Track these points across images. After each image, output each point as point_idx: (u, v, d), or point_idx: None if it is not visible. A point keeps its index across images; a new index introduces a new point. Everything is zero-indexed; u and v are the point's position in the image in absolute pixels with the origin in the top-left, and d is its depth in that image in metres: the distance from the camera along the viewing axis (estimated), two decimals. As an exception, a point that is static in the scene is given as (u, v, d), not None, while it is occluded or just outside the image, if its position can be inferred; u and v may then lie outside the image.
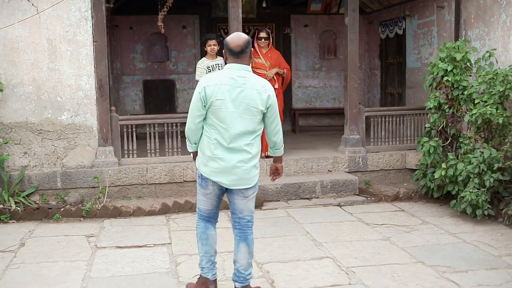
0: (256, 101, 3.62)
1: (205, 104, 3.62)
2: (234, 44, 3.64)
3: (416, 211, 6.40)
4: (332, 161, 7.38)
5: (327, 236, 5.42)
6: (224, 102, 3.59)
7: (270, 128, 3.80)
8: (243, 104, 3.60)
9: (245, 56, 3.67)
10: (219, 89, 3.59)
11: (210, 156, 3.67)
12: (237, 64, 3.66)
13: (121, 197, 6.80)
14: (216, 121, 3.63)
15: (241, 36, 3.69)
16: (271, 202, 6.73)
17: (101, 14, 6.61)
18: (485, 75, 6.16)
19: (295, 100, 10.82)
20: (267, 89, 3.69)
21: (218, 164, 3.65)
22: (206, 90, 3.61)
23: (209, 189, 3.77)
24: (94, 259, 4.83)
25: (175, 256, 4.89)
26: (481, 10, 7.04)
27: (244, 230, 3.87)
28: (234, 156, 3.64)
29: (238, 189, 3.74)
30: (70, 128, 6.67)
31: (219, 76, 3.65)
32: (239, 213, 3.84)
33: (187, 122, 3.75)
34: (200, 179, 3.80)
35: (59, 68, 6.58)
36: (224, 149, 3.64)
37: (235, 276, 3.89)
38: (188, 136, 3.80)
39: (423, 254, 4.86)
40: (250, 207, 3.85)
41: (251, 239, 3.88)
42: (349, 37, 7.43)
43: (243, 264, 3.84)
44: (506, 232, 5.49)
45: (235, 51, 3.64)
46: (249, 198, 3.81)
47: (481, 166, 5.80)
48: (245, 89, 3.61)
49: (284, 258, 4.81)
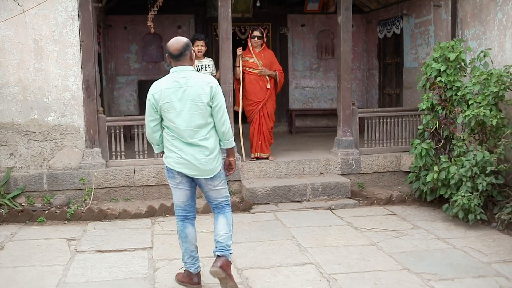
0: (200, 96, 3.86)
1: (156, 110, 3.90)
2: (173, 48, 3.90)
3: (408, 215, 6.24)
4: (324, 163, 7.23)
5: (313, 241, 5.28)
6: (171, 104, 3.85)
7: (217, 118, 3.96)
8: (189, 101, 3.84)
9: (185, 59, 3.92)
10: (165, 93, 3.86)
11: (171, 149, 3.94)
12: (179, 66, 3.92)
13: (108, 199, 6.70)
14: (169, 122, 3.91)
15: (180, 40, 3.95)
16: (261, 205, 6.59)
17: (88, 14, 6.52)
18: (479, 75, 5.99)
19: (292, 101, 10.67)
20: (209, 81, 3.92)
21: (179, 156, 3.91)
22: (154, 97, 3.89)
23: (177, 178, 3.99)
24: (72, 264, 4.73)
25: (155, 261, 4.78)
26: (478, 8, 6.87)
27: (223, 208, 4.16)
28: (194, 149, 3.89)
29: (204, 180, 4.00)
30: (57, 129, 6.58)
31: (164, 82, 3.92)
32: (214, 200, 4.13)
33: (146, 127, 4.08)
34: (167, 171, 4.05)
35: (46, 69, 6.49)
36: (184, 143, 3.91)
37: (215, 248, 4.05)
38: (149, 139, 4.11)
39: (410, 260, 4.71)
40: (223, 193, 4.12)
41: (229, 213, 4.16)
42: (342, 36, 7.29)
43: (222, 235, 4.03)
44: (499, 238, 5.32)
45: (174, 55, 3.90)
46: (218, 187, 4.07)
47: (474, 169, 5.63)
48: (187, 87, 3.85)
49: (266, 264, 4.67)
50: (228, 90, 6.95)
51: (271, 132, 7.33)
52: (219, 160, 4.03)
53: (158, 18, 9.87)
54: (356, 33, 10.70)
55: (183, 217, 4.12)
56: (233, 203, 6.48)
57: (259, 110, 7.17)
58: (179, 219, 4.12)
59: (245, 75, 7.18)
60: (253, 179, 6.99)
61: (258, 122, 7.17)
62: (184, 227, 4.10)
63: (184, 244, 4.11)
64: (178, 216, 4.13)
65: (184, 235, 4.10)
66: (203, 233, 5.41)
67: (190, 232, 4.11)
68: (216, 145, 4.00)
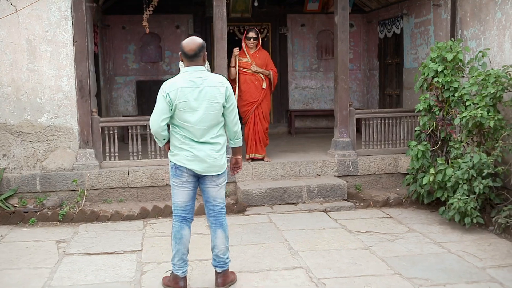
0: (216, 97, 3.89)
1: (171, 108, 3.87)
2: (188, 48, 3.89)
3: (405, 218, 6.14)
4: (320, 165, 7.14)
5: (305, 244, 5.19)
6: (187, 104, 3.84)
7: (230, 118, 4.02)
8: (205, 101, 3.86)
9: (199, 59, 3.93)
10: (181, 92, 3.84)
11: (181, 147, 3.92)
12: (193, 66, 3.92)
13: (102, 200, 6.65)
14: (182, 122, 3.88)
15: (195, 41, 3.93)
16: (255, 207, 6.51)
17: (81, 14, 6.46)
18: (477, 76, 5.87)
19: (292, 101, 10.58)
20: (224, 82, 3.99)
21: (191, 153, 3.90)
22: (170, 95, 3.85)
23: (184, 176, 3.96)
24: (59, 266, 4.67)
25: (143, 264, 4.71)
26: (477, 8, 6.75)
27: (219, 217, 4.12)
28: (205, 146, 3.91)
29: (210, 177, 3.99)
30: (50, 130, 6.53)
31: (179, 81, 3.89)
32: (212, 201, 4.09)
33: (152, 124, 3.94)
34: (174, 169, 3.99)
35: (39, 69, 6.45)
36: (195, 142, 3.91)
37: (214, 261, 4.14)
38: (156, 136, 4.02)
39: (402, 265, 4.61)
40: (222, 194, 4.13)
41: (226, 224, 4.16)
42: (339, 36, 7.22)
43: (222, 249, 4.10)
44: (495, 242, 5.21)
45: (189, 55, 3.89)
46: (221, 185, 4.08)
47: (471, 171, 5.51)
48: (204, 87, 3.87)
49: (255, 267, 4.59)
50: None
51: (267, 133, 7.25)
52: (226, 158, 4.08)
53: (157, 18, 9.85)
54: (356, 33, 10.62)
55: (182, 217, 4.07)
56: (227, 205, 6.37)
57: (254, 111, 7.09)
58: (177, 219, 4.07)
59: (240, 76, 7.11)
60: (248, 181, 6.90)
61: (253, 122, 7.10)
62: (181, 228, 4.06)
63: (177, 246, 4.05)
64: (176, 217, 4.08)
65: (179, 236, 4.05)
66: (195, 236, 5.31)
67: (186, 234, 4.07)
68: (225, 142, 4.05)
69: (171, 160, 4.01)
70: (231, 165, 4.27)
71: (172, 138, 3.98)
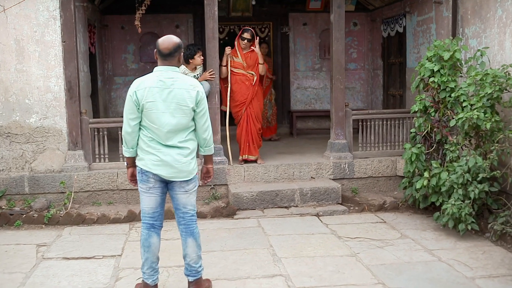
0: (185, 100, 3.73)
1: (138, 108, 3.72)
2: (163, 46, 3.74)
3: (399, 223, 5.91)
4: (315, 167, 6.94)
5: (290, 250, 5.01)
6: (154, 104, 3.69)
7: (200, 123, 3.86)
8: (173, 103, 3.71)
9: (173, 59, 3.77)
10: (149, 92, 3.69)
11: (148, 151, 3.76)
12: (166, 66, 3.77)
13: (91, 203, 6.55)
14: (149, 122, 3.73)
15: (172, 40, 3.78)
16: (246, 210, 6.35)
17: (69, 13, 6.37)
18: (475, 76, 5.62)
19: (294, 102, 10.38)
20: (196, 86, 3.81)
21: (157, 157, 3.74)
22: (137, 94, 3.71)
23: (151, 182, 3.81)
24: (35, 271, 4.57)
25: (120, 270, 4.58)
26: (478, 5, 6.48)
27: (189, 225, 3.95)
28: (172, 150, 3.76)
29: (179, 183, 3.83)
30: (39, 131, 6.46)
31: (149, 80, 3.75)
32: (182, 208, 3.91)
33: (124, 125, 3.82)
34: (141, 174, 3.84)
35: (27, 70, 6.37)
36: (162, 145, 3.75)
37: (186, 270, 4.00)
38: (126, 140, 3.85)
39: (387, 274, 4.41)
40: (192, 201, 3.94)
41: (197, 232, 3.98)
42: (334, 35, 6.99)
43: (193, 258, 3.95)
44: (490, 250, 4.97)
45: (164, 53, 3.74)
46: (190, 192, 3.91)
47: (466, 176, 5.27)
48: (173, 89, 3.71)
49: (234, 275, 4.43)
50: (215, 91, 6.73)
51: (260, 134, 7.09)
52: (196, 164, 3.93)
53: (156, 18, 9.76)
54: (361, 32, 10.39)
55: (150, 225, 3.92)
56: (216, 208, 6.30)
57: (246, 111, 6.93)
58: (145, 226, 3.93)
59: (231, 76, 6.94)
60: (240, 183, 6.74)
61: (245, 123, 6.94)
62: (149, 235, 3.91)
63: (146, 254, 3.91)
64: (144, 224, 3.93)
65: (147, 244, 3.90)
66: (172, 241, 5.20)
67: (154, 242, 3.92)
68: (195, 148, 3.90)
69: (137, 164, 3.86)
70: (202, 174, 4.09)
71: (140, 140, 3.81)
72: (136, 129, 3.77)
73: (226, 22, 9.92)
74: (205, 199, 6.62)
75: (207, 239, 5.37)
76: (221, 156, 6.77)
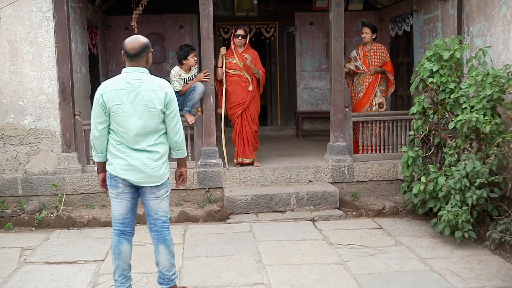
0: (153, 101, 3.60)
1: (105, 111, 3.62)
2: (130, 47, 3.62)
3: (396, 229, 5.69)
4: (313, 171, 6.74)
5: (277, 257, 4.84)
6: (121, 107, 3.59)
7: (170, 126, 3.72)
8: (141, 106, 3.59)
9: (141, 60, 3.66)
10: (115, 94, 3.59)
11: (117, 155, 3.66)
12: (133, 67, 3.65)
13: (84, 205, 6.49)
14: (116, 126, 3.63)
15: (138, 40, 3.65)
16: (240, 214, 6.19)
17: (63, 14, 6.31)
18: (476, 76, 5.36)
19: (300, 103, 10.18)
20: (164, 87, 3.67)
21: (126, 162, 3.63)
22: (103, 97, 3.61)
23: (120, 187, 3.69)
24: (13, 276, 4.50)
25: (99, 276, 4.48)
26: (482, 2, 6.20)
27: (161, 232, 3.82)
28: (141, 154, 3.64)
29: (149, 188, 3.71)
30: (33, 133, 6.42)
31: (115, 82, 3.65)
32: (154, 214, 3.79)
33: (91, 130, 3.72)
34: (110, 179, 3.73)
35: (21, 71, 6.34)
36: (130, 149, 3.65)
37: (160, 278, 3.89)
38: (94, 145, 3.75)
39: (374, 284, 4.20)
40: (164, 207, 3.81)
41: (169, 239, 3.85)
42: (333, 34, 6.78)
43: (166, 266, 3.83)
44: (486, 259, 4.71)
45: (131, 54, 3.63)
46: (162, 197, 3.77)
47: (463, 181, 5.03)
48: (140, 91, 3.60)
49: (214, 282, 4.28)
50: (210, 93, 6.60)
51: (256, 136, 6.92)
52: (168, 168, 3.79)
53: (160, 18, 9.69)
54: (369, 31, 10.10)
55: (120, 231, 3.80)
56: (209, 212, 6.16)
57: (242, 113, 6.77)
58: (115, 233, 3.81)
59: (227, 77, 6.79)
60: (235, 187, 6.59)
61: (240, 125, 6.78)
62: (119, 242, 3.79)
63: (117, 261, 3.79)
64: (114, 230, 3.81)
65: (118, 251, 3.78)
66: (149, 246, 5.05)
67: (125, 249, 3.80)
68: (166, 152, 3.76)
69: (107, 169, 3.75)
70: (176, 178, 3.98)
71: (109, 144, 3.70)
72: (104, 133, 3.67)
73: (231, 22, 9.78)
74: (200, 203, 6.50)
75: (194, 244, 5.24)
76: (217, 158, 6.63)
